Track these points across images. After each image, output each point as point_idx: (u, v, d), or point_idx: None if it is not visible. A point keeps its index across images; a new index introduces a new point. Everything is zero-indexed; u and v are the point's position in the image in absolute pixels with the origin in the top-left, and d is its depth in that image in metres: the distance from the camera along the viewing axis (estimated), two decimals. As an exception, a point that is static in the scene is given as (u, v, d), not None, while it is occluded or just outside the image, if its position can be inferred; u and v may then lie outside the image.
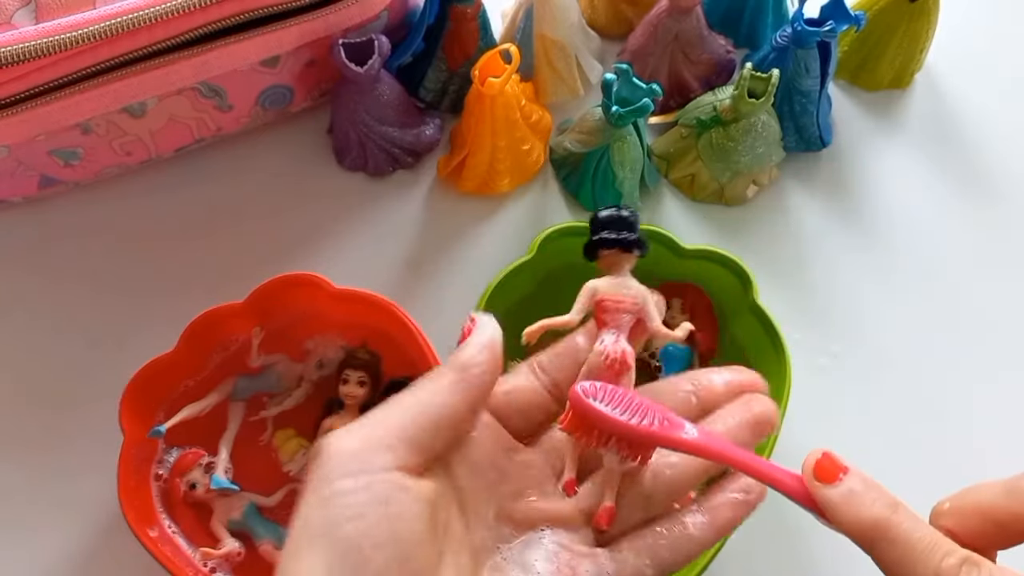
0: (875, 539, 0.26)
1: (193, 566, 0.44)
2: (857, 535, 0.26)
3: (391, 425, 0.27)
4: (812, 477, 0.27)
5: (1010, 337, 0.52)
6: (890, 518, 0.26)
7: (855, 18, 0.50)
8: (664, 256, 0.48)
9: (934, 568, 0.25)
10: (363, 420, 0.28)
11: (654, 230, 0.48)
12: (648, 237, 0.48)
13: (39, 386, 0.50)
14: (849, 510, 0.26)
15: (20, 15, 0.43)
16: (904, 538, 0.25)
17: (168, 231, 0.54)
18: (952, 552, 0.25)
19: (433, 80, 0.55)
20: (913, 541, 0.25)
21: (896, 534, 0.25)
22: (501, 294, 0.46)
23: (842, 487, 0.26)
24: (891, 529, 0.25)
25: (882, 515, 0.26)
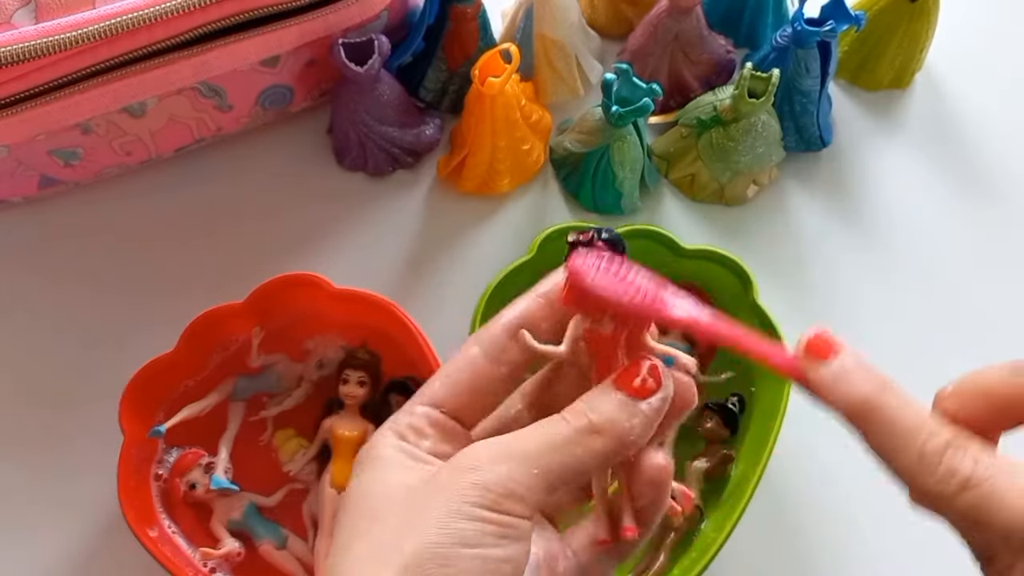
0: (863, 419, 0.25)
1: (193, 566, 0.44)
2: (846, 414, 0.25)
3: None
4: (805, 355, 0.26)
5: (1010, 337, 0.52)
6: (879, 396, 0.25)
7: (855, 18, 0.50)
8: (664, 256, 0.48)
9: (918, 449, 0.24)
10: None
11: (654, 230, 0.48)
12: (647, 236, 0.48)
13: (39, 386, 0.50)
14: (838, 388, 0.25)
15: (20, 15, 0.43)
16: (890, 418, 0.25)
17: (168, 231, 0.54)
18: (938, 433, 0.24)
19: (433, 80, 0.55)
20: (899, 421, 0.25)
21: (883, 414, 0.25)
22: (501, 294, 0.46)
23: (833, 365, 0.26)
24: (878, 409, 0.25)
25: (871, 393, 0.25)
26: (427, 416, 0.29)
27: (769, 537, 0.47)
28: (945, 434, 0.25)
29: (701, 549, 0.43)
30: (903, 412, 0.25)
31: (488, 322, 0.31)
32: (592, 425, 0.27)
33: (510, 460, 0.26)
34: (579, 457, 0.26)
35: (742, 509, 0.42)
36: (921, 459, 0.24)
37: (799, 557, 0.47)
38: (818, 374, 0.26)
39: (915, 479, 0.25)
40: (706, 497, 0.45)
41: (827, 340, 0.26)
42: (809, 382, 0.26)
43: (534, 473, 0.26)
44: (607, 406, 0.27)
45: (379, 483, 0.27)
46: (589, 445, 0.26)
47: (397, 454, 0.28)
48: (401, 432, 0.29)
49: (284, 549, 0.46)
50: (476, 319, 0.45)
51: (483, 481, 0.25)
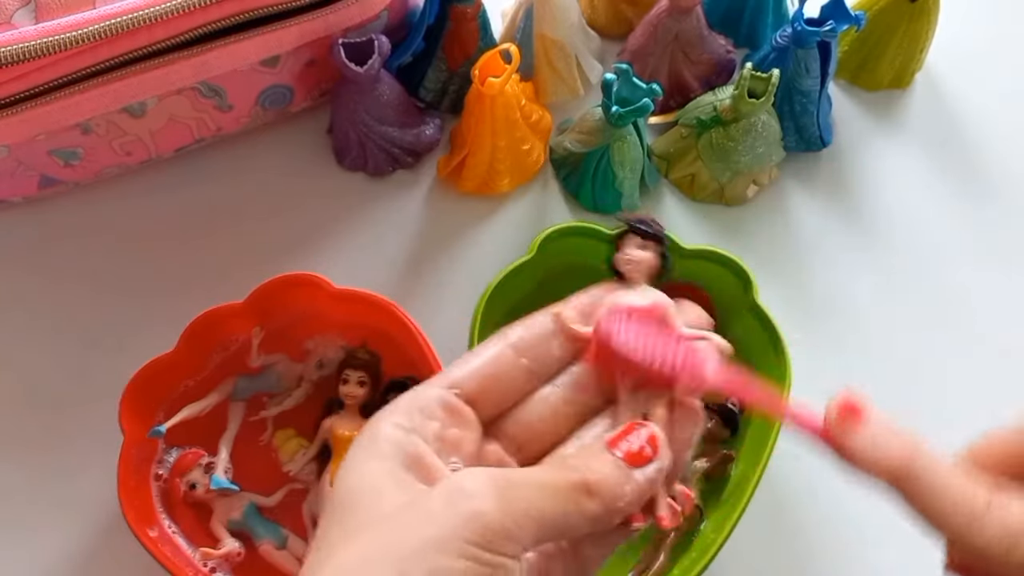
0: (903, 485, 0.26)
1: (193, 566, 0.44)
2: (887, 479, 0.26)
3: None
4: (836, 424, 0.27)
5: (1011, 336, 0.52)
6: (913, 463, 0.26)
7: (855, 18, 0.50)
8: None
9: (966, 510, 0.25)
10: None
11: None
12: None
13: (39, 386, 0.50)
14: (877, 456, 0.26)
15: (20, 15, 0.43)
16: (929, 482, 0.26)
17: (168, 231, 0.54)
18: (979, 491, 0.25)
19: (433, 80, 0.55)
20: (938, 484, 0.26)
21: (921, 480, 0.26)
22: (501, 294, 0.46)
23: (864, 434, 0.26)
24: (915, 475, 0.26)
25: (905, 462, 0.26)
26: (440, 398, 0.29)
27: (769, 537, 0.47)
28: (984, 488, 0.25)
29: (701, 549, 0.43)
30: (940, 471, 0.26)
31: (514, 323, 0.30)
32: (586, 485, 0.26)
33: (509, 499, 0.25)
34: (570, 514, 0.26)
35: (742, 509, 0.42)
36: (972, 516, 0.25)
37: (799, 557, 0.47)
38: (851, 444, 0.26)
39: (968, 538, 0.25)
40: (706, 497, 0.45)
41: (854, 407, 0.27)
42: (846, 452, 0.27)
43: (531, 516, 0.25)
44: (603, 467, 0.27)
45: (368, 491, 0.26)
46: (581, 505, 0.26)
47: (392, 447, 0.27)
48: (407, 413, 0.28)
49: (284, 549, 0.46)
50: (476, 319, 0.45)
51: (480, 517, 0.24)
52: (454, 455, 0.28)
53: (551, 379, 0.30)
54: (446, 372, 0.29)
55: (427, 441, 0.27)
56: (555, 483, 0.26)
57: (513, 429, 0.30)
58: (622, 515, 0.27)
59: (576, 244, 0.48)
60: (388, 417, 0.28)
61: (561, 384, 0.30)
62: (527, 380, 0.30)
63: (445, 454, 0.28)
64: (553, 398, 0.30)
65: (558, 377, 0.31)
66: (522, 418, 0.30)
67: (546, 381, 0.30)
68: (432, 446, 0.27)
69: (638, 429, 0.27)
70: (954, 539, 0.25)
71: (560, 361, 0.30)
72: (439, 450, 0.28)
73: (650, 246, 0.31)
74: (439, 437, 0.28)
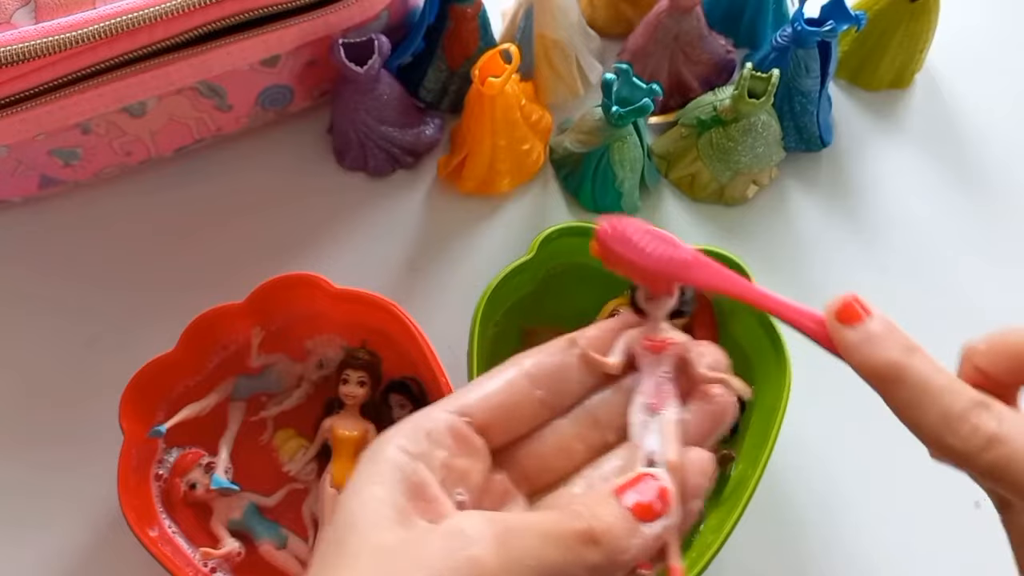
0: (889, 381, 0.26)
1: (193, 566, 0.44)
2: (872, 377, 0.26)
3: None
4: (833, 318, 0.27)
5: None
6: (907, 360, 0.26)
7: (855, 18, 0.50)
8: None
9: (944, 408, 0.25)
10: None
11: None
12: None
13: (39, 386, 0.50)
14: (866, 351, 0.26)
15: (20, 15, 0.43)
16: (916, 380, 0.25)
17: (168, 231, 0.54)
18: (965, 393, 0.25)
19: (433, 80, 0.55)
20: (925, 383, 0.25)
21: (909, 375, 0.25)
22: (501, 294, 0.46)
23: (861, 329, 0.26)
24: (906, 370, 0.26)
25: (899, 357, 0.26)
26: (450, 425, 0.28)
27: (769, 537, 0.47)
28: (971, 395, 0.25)
29: (701, 549, 0.43)
30: (930, 374, 0.26)
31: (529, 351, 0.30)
32: (591, 533, 0.25)
33: (508, 548, 0.24)
34: (570, 564, 0.25)
35: (742, 509, 0.42)
36: (946, 417, 0.25)
37: (799, 557, 0.47)
38: (846, 338, 0.26)
39: (941, 437, 0.25)
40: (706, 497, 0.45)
41: (855, 305, 0.27)
42: (837, 345, 0.26)
43: (530, 567, 0.24)
44: (609, 517, 0.26)
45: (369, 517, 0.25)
46: (583, 555, 0.25)
47: (396, 473, 0.26)
48: (414, 436, 0.27)
49: (284, 549, 0.46)
50: (476, 319, 0.45)
51: (477, 568, 0.24)
52: (460, 486, 0.27)
53: (565, 411, 0.30)
54: (457, 396, 0.29)
55: (433, 470, 0.27)
56: (558, 531, 0.25)
57: (523, 460, 0.29)
58: (626, 568, 0.26)
59: (576, 244, 0.48)
60: (394, 438, 0.27)
61: (574, 417, 0.30)
62: (540, 411, 0.29)
63: (451, 484, 0.27)
64: (566, 431, 0.29)
65: (572, 410, 0.30)
66: (533, 450, 0.29)
67: (560, 413, 0.30)
68: (438, 475, 0.27)
69: (647, 480, 0.27)
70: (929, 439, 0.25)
71: (575, 394, 0.30)
72: (444, 479, 0.27)
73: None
74: (446, 466, 0.27)
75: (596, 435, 0.30)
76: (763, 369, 0.46)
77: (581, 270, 0.49)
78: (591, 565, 0.25)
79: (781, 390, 0.44)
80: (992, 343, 0.27)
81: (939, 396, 0.25)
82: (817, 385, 0.49)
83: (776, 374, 0.45)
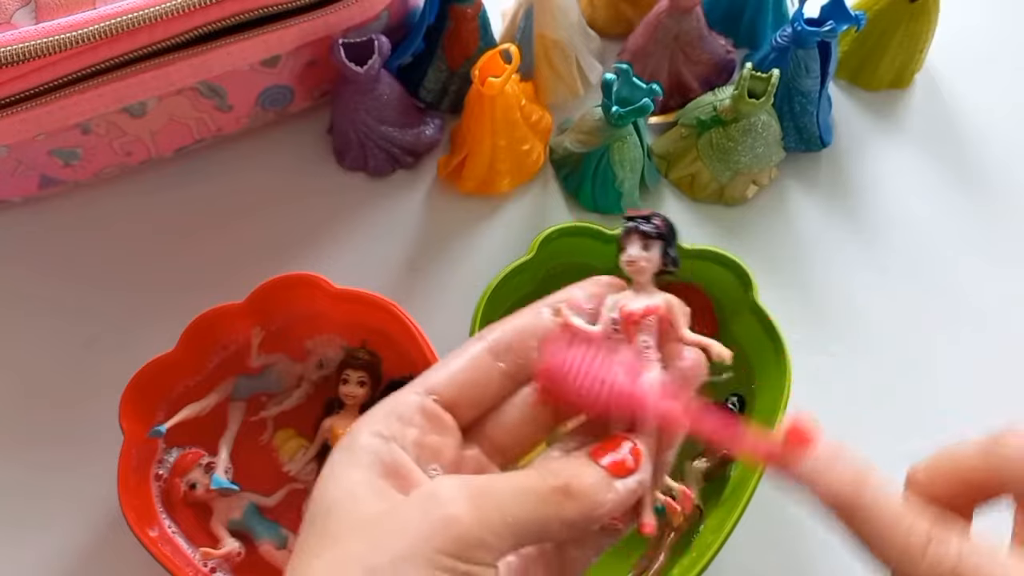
0: (844, 512, 0.26)
1: (193, 566, 0.44)
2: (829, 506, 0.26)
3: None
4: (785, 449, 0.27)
5: (1011, 336, 0.52)
6: (857, 492, 0.26)
7: (855, 18, 0.50)
8: None
9: (901, 544, 0.25)
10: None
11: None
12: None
13: (39, 386, 0.50)
14: (819, 484, 0.26)
15: (20, 15, 0.43)
16: (870, 514, 0.25)
17: (168, 231, 0.54)
18: (918, 528, 0.25)
19: (433, 80, 0.55)
20: (879, 516, 0.25)
21: (862, 510, 0.25)
22: (501, 294, 0.46)
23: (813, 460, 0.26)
24: (858, 504, 0.25)
25: (850, 490, 0.26)
26: (419, 404, 0.28)
27: (769, 537, 0.47)
28: (925, 525, 0.25)
29: (701, 549, 0.43)
30: (882, 507, 0.25)
31: (494, 323, 0.30)
32: (567, 488, 0.26)
33: (483, 505, 0.25)
34: (548, 518, 0.25)
35: (742, 509, 0.42)
36: (905, 552, 0.25)
37: (799, 557, 0.47)
38: (800, 471, 0.26)
39: (902, 570, 0.25)
40: (706, 497, 0.45)
41: (802, 433, 0.26)
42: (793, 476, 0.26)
43: (506, 522, 0.25)
44: (585, 475, 0.26)
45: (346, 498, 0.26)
46: (560, 508, 0.26)
47: (370, 456, 0.26)
48: (386, 420, 0.28)
49: (284, 549, 0.46)
50: (476, 319, 0.45)
51: (453, 526, 0.24)
52: (434, 462, 0.28)
53: (529, 380, 0.30)
54: (423, 377, 0.29)
55: (406, 449, 0.27)
56: (534, 487, 0.26)
57: (493, 433, 0.30)
58: (601, 522, 0.27)
59: (576, 244, 0.48)
60: (366, 426, 0.27)
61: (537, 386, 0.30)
62: (504, 383, 0.29)
63: (425, 461, 0.27)
64: (530, 400, 0.30)
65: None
66: (501, 421, 0.30)
67: (524, 383, 0.30)
68: (411, 453, 0.27)
69: (620, 442, 0.27)
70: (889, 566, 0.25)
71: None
72: (418, 457, 0.27)
73: (654, 245, 0.30)
74: (418, 444, 0.27)
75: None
76: (763, 369, 0.46)
77: (581, 270, 0.49)
78: (567, 519, 0.26)
79: (781, 390, 0.44)
80: (932, 466, 0.27)
81: (896, 526, 0.25)
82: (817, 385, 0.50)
83: (776, 374, 0.45)
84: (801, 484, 0.26)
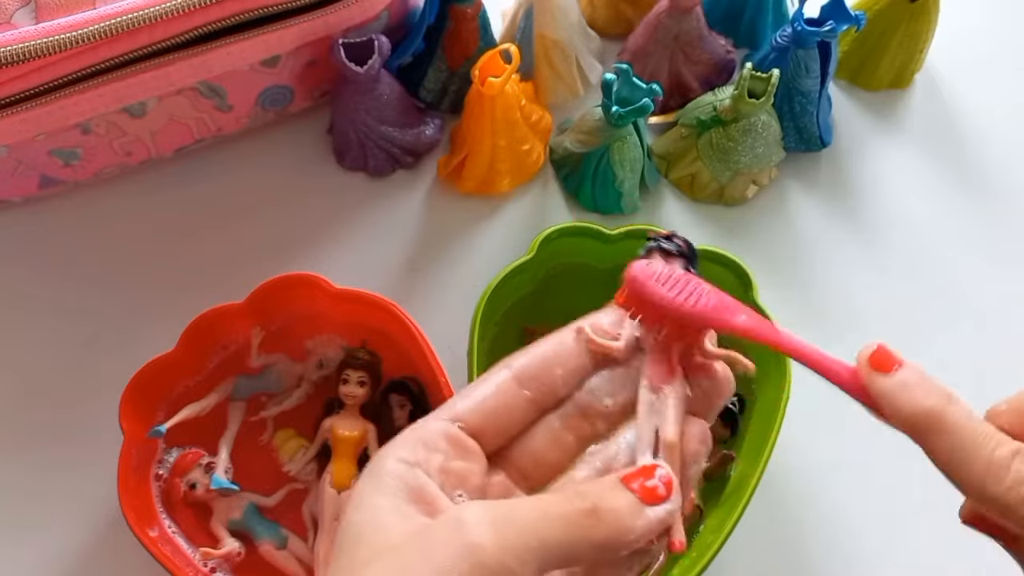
0: (929, 429, 0.26)
1: (193, 566, 0.44)
2: (911, 425, 0.26)
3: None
4: (868, 367, 0.27)
5: (1010, 336, 0.53)
6: (945, 408, 0.26)
7: (855, 18, 0.50)
8: None
9: (986, 457, 0.25)
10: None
11: (655, 230, 0.48)
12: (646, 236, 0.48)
13: (39, 386, 0.50)
14: (904, 400, 0.26)
15: (20, 15, 0.43)
16: (958, 428, 0.25)
17: (168, 231, 0.54)
18: (1005, 443, 0.25)
19: (433, 80, 0.55)
20: (967, 431, 0.25)
21: (949, 424, 0.25)
22: (501, 294, 0.46)
23: (896, 377, 0.26)
24: (945, 419, 0.26)
25: (937, 405, 0.26)
26: (444, 431, 0.28)
27: (769, 537, 0.47)
28: (1012, 444, 0.25)
29: (701, 549, 0.43)
30: (969, 423, 0.26)
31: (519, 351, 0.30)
32: (596, 511, 0.25)
33: (507, 530, 0.25)
34: (575, 541, 0.25)
35: (742, 509, 0.42)
36: (989, 467, 0.25)
37: (799, 557, 0.47)
38: (882, 385, 0.26)
39: (984, 487, 0.25)
40: (706, 497, 0.45)
41: (889, 353, 0.27)
42: (872, 394, 0.26)
43: (531, 547, 0.24)
44: (615, 499, 0.26)
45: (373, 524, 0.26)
46: (588, 531, 0.25)
47: (396, 482, 0.27)
48: (411, 447, 0.28)
49: (284, 549, 0.46)
50: (476, 319, 0.45)
51: (478, 552, 0.24)
52: (460, 488, 0.28)
53: (555, 407, 0.30)
54: (449, 405, 0.29)
55: (431, 475, 0.27)
56: (562, 511, 0.25)
57: (519, 459, 0.30)
58: (630, 548, 0.26)
59: (576, 244, 0.48)
60: (392, 452, 0.28)
61: (563, 411, 0.30)
62: (529, 411, 0.30)
63: (451, 487, 0.27)
64: (556, 425, 0.30)
65: (561, 405, 0.30)
66: (527, 447, 0.30)
67: (549, 410, 0.30)
68: (436, 479, 0.27)
69: (653, 469, 0.27)
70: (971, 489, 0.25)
71: (562, 389, 0.30)
72: (444, 483, 0.27)
73: (675, 262, 0.30)
74: (443, 470, 0.27)
75: (586, 425, 0.30)
76: (763, 369, 0.46)
77: (581, 270, 0.49)
78: (595, 542, 0.25)
79: (781, 391, 0.44)
80: (1015, 403, 0.27)
81: (982, 445, 0.25)
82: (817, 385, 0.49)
83: (776, 374, 0.45)
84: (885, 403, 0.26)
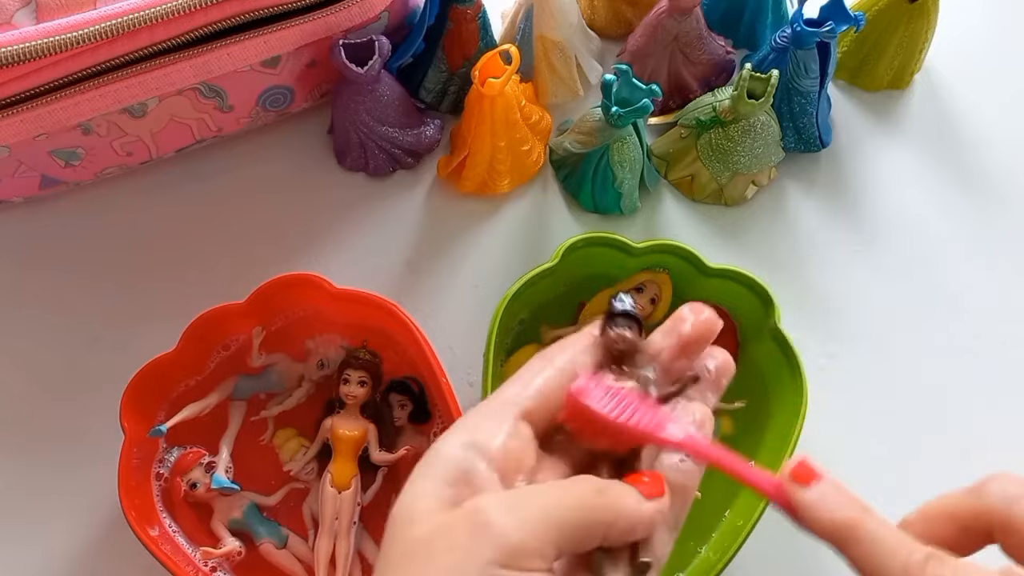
0: (847, 539, 0.27)
1: (193, 565, 0.44)
2: (829, 535, 0.27)
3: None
4: (790, 479, 0.28)
5: (1010, 335, 0.53)
6: (860, 518, 0.27)
7: (854, 18, 0.50)
8: (688, 273, 0.48)
9: (902, 563, 0.26)
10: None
11: (679, 246, 0.47)
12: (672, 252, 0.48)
13: (40, 386, 0.50)
14: (822, 511, 0.27)
15: (21, 15, 0.43)
16: (873, 538, 0.27)
17: (168, 231, 0.54)
18: (918, 549, 0.26)
19: (433, 81, 0.55)
20: (881, 540, 0.26)
21: (866, 533, 0.27)
22: (522, 298, 0.46)
23: (815, 490, 0.28)
24: (860, 528, 0.27)
25: (852, 516, 0.27)
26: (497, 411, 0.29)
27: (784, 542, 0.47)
28: (924, 549, 0.26)
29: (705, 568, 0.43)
30: (884, 532, 0.27)
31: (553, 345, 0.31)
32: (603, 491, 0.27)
33: (524, 514, 0.26)
34: (587, 518, 0.27)
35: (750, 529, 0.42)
36: (906, 572, 0.26)
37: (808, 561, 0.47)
38: (802, 498, 0.28)
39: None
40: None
41: (809, 467, 0.28)
42: (793, 505, 0.28)
43: (550, 526, 0.26)
44: (619, 486, 0.28)
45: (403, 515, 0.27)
46: (598, 510, 0.27)
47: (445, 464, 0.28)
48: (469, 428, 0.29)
49: (284, 548, 0.46)
50: (495, 322, 0.45)
51: (500, 537, 0.25)
52: (519, 472, 0.29)
53: None
54: (498, 392, 0.30)
55: (487, 455, 0.28)
56: (576, 489, 0.27)
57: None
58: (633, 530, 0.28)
59: (598, 254, 0.48)
60: (450, 435, 0.29)
61: None
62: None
63: (511, 470, 0.28)
64: None
65: None
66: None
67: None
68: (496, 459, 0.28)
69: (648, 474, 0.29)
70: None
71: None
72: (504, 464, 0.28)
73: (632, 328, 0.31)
74: (503, 448, 0.28)
75: None
76: (779, 391, 0.46)
77: (600, 280, 0.49)
78: (605, 520, 0.27)
79: (797, 413, 0.44)
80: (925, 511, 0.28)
81: (896, 552, 0.26)
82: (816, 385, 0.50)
83: (792, 397, 0.45)
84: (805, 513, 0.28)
